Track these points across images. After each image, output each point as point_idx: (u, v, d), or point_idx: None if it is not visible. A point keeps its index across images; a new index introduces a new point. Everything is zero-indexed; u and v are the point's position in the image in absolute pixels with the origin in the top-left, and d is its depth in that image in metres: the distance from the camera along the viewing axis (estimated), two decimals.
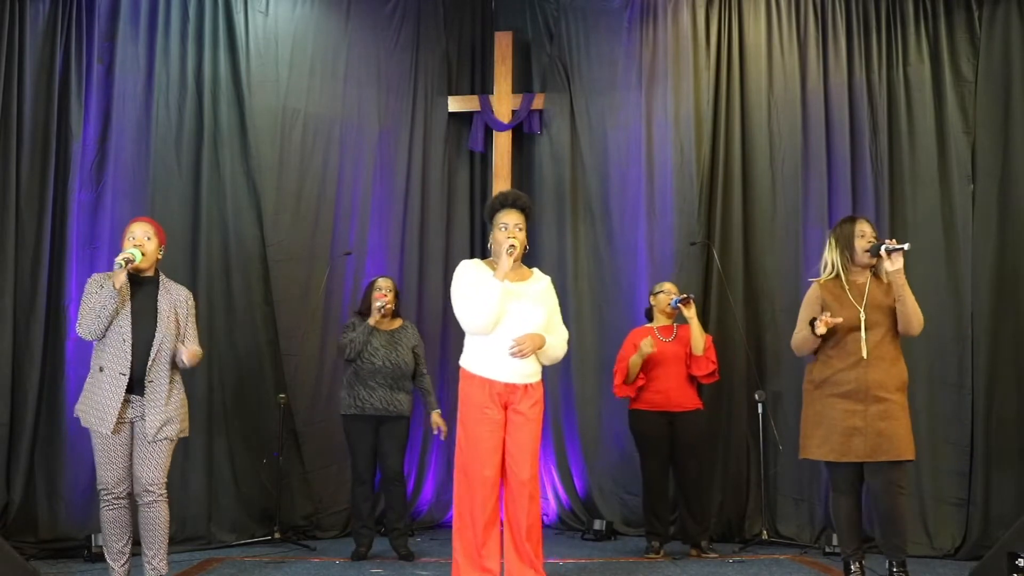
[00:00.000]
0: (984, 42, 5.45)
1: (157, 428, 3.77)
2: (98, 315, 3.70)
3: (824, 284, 4.09)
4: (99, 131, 5.36)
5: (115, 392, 3.72)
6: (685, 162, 5.86)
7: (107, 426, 3.72)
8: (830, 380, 3.98)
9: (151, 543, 3.83)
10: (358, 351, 4.89)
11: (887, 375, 3.90)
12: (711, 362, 5.05)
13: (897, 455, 3.85)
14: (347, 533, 5.61)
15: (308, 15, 6.00)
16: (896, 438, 3.85)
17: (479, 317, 3.62)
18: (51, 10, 5.30)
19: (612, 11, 6.23)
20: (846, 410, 3.90)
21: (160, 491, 3.81)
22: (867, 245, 3.99)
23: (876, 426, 3.86)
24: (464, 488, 3.65)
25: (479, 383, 3.66)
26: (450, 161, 6.47)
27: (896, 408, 3.89)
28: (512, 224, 3.71)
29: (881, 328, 3.94)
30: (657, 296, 5.23)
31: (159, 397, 3.79)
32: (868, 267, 4.04)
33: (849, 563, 4.04)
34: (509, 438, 3.65)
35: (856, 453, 3.88)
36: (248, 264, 5.62)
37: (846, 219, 4.18)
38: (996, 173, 5.35)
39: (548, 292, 3.84)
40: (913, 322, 3.90)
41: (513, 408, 3.66)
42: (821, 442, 3.96)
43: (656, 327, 5.20)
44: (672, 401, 5.04)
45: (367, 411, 4.87)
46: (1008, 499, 5.07)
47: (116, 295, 3.70)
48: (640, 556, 5.05)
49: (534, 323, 3.68)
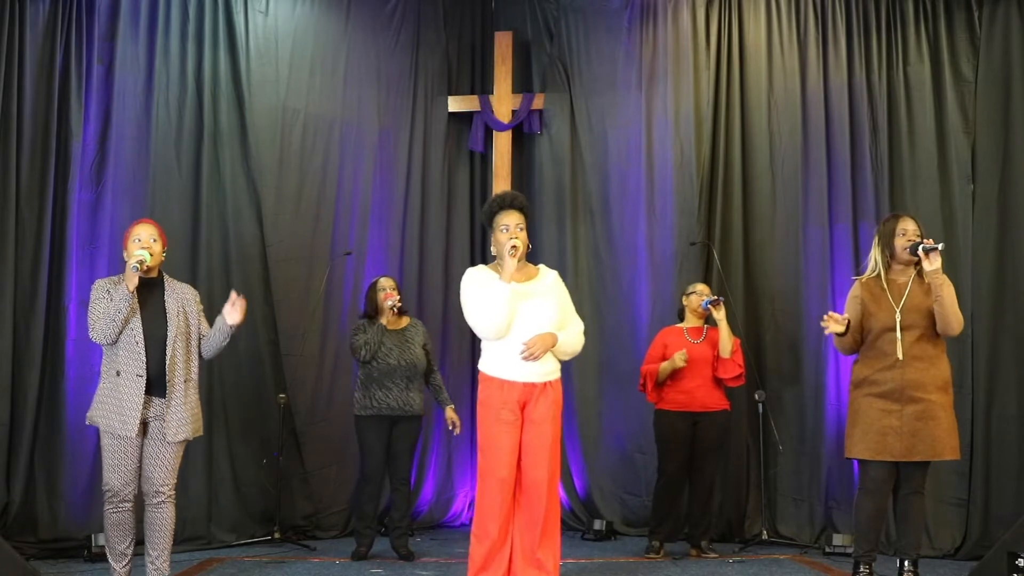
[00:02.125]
0: (984, 42, 5.45)
1: (176, 429, 3.79)
2: (112, 319, 3.70)
3: (865, 283, 4.08)
4: (99, 131, 5.35)
5: (136, 394, 3.72)
6: (685, 162, 5.86)
7: (131, 429, 3.71)
8: (868, 380, 3.97)
9: (156, 544, 3.83)
10: (374, 352, 4.87)
11: (925, 375, 3.89)
12: (738, 365, 5.04)
13: (935, 455, 3.86)
14: (347, 533, 5.61)
15: (308, 15, 6.00)
16: (933, 439, 3.85)
17: (492, 323, 3.61)
18: (51, 10, 5.29)
19: (612, 11, 6.22)
20: (883, 410, 3.90)
21: (170, 492, 3.83)
22: (907, 244, 3.97)
23: (912, 426, 3.86)
24: (483, 490, 3.65)
25: (497, 385, 3.65)
26: (450, 161, 6.47)
27: (935, 408, 3.88)
28: (513, 225, 3.70)
29: (918, 329, 3.92)
30: (689, 297, 5.20)
31: (179, 397, 3.81)
32: (911, 266, 4.01)
33: (859, 564, 4.03)
34: (526, 437, 3.64)
35: (892, 452, 3.88)
36: (248, 264, 5.62)
37: (890, 216, 4.18)
38: (996, 173, 5.35)
39: (557, 286, 3.83)
40: (952, 323, 3.87)
41: (532, 407, 3.65)
42: (858, 440, 3.96)
43: (686, 327, 5.18)
44: (697, 401, 5.03)
45: (383, 411, 4.86)
46: (1008, 499, 5.07)
47: (130, 298, 3.70)
48: (640, 556, 5.05)
49: (548, 320, 3.67)
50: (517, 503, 3.66)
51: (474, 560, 3.62)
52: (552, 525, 3.66)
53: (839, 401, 5.39)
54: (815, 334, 5.54)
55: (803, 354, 5.60)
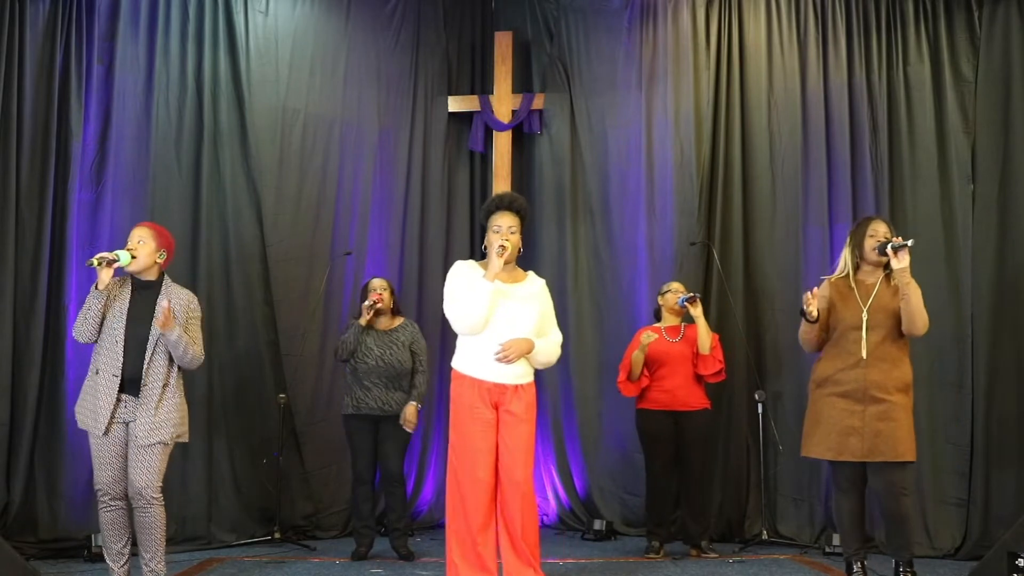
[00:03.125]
0: (984, 42, 5.45)
1: (148, 431, 3.76)
2: (84, 315, 3.74)
3: (834, 282, 4.10)
4: (99, 131, 5.36)
5: (108, 393, 3.73)
6: (685, 162, 5.86)
7: (100, 427, 3.73)
8: (831, 379, 3.99)
9: (147, 546, 3.83)
10: (350, 351, 4.91)
11: (887, 376, 3.90)
12: (718, 361, 5.05)
13: (895, 456, 3.86)
14: (347, 533, 5.61)
15: (308, 15, 6.00)
16: (894, 439, 3.85)
17: (467, 317, 3.63)
18: (51, 10, 5.30)
19: (612, 11, 6.22)
20: (844, 409, 3.92)
21: (152, 495, 3.79)
22: (876, 244, 3.99)
23: (874, 426, 3.86)
24: (456, 489, 3.65)
25: (469, 383, 3.68)
26: (450, 161, 6.47)
27: (896, 409, 3.88)
28: (505, 227, 3.72)
29: (883, 329, 3.93)
30: (665, 295, 5.22)
31: (151, 400, 3.78)
32: (880, 267, 4.03)
33: (851, 563, 4.04)
34: (501, 439, 3.65)
35: (852, 452, 3.89)
36: (248, 264, 5.62)
37: (863, 219, 4.20)
38: (996, 173, 5.35)
39: (542, 294, 3.85)
40: (916, 322, 3.88)
41: (505, 408, 3.67)
42: (819, 440, 3.98)
43: (664, 327, 5.19)
44: (678, 400, 5.04)
45: (363, 411, 4.89)
46: (1008, 499, 5.07)
47: (100, 296, 3.73)
48: (640, 556, 5.05)
49: (524, 324, 3.69)
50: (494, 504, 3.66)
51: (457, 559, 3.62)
52: (533, 525, 3.66)
53: None
54: None
55: (803, 354, 5.54)
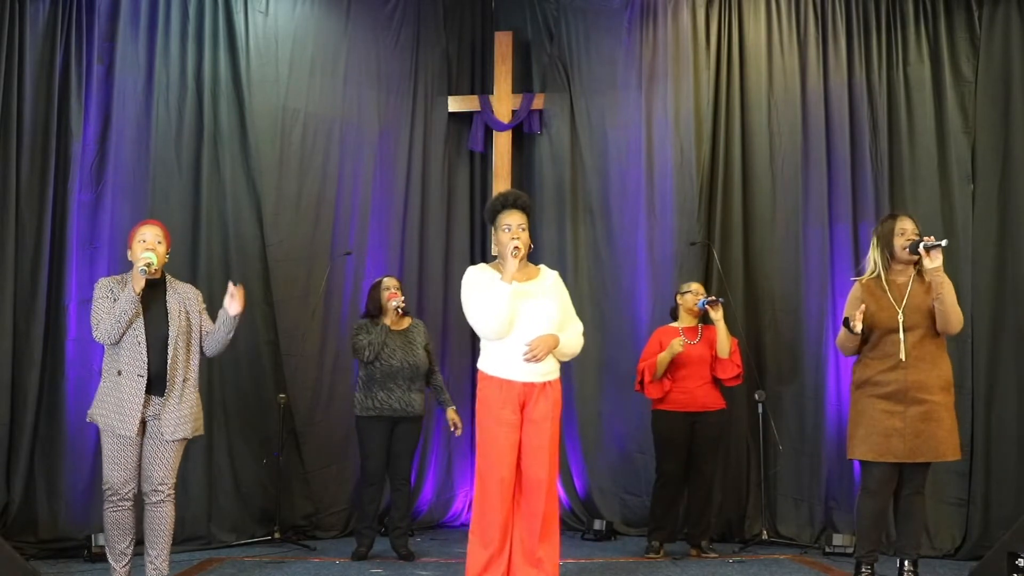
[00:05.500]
0: (984, 42, 5.45)
1: (173, 427, 3.80)
2: (118, 320, 3.71)
3: (865, 284, 4.06)
4: (99, 131, 5.35)
5: (136, 394, 3.74)
6: (685, 162, 5.86)
7: (130, 428, 3.73)
8: (871, 381, 3.96)
9: (155, 543, 3.84)
10: (377, 353, 4.87)
11: (928, 376, 3.89)
12: (736, 365, 5.03)
13: (935, 456, 3.86)
14: (347, 533, 5.62)
15: (308, 15, 6.00)
16: (936, 439, 3.85)
17: (493, 322, 3.62)
18: (51, 10, 5.29)
19: (612, 11, 6.22)
20: (886, 411, 3.89)
21: (169, 491, 3.84)
22: (906, 243, 3.96)
23: (916, 427, 3.85)
24: (482, 490, 3.65)
25: (497, 385, 3.66)
26: (450, 161, 6.47)
27: (939, 409, 3.88)
28: (515, 225, 3.71)
29: (920, 329, 3.91)
30: (684, 296, 5.19)
31: (176, 396, 3.82)
32: (910, 265, 4.00)
33: (861, 564, 4.03)
34: (526, 436, 3.64)
35: (895, 453, 3.88)
36: (248, 264, 5.61)
37: (888, 216, 4.17)
38: (996, 173, 5.35)
39: (558, 286, 3.84)
40: (952, 321, 3.87)
41: (531, 406, 3.66)
42: (860, 441, 3.95)
43: (681, 327, 5.17)
44: (696, 401, 5.02)
45: (385, 413, 4.86)
46: (1008, 499, 5.08)
47: (136, 300, 3.72)
48: (640, 556, 5.05)
49: (548, 320, 3.68)
50: (516, 503, 3.67)
51: (476, 561, 3.62)
52: (551, 525, 3.67)
53: (839, 401, 5.39)
54: (815, 334, 5.55)
55: (803, 354, 5.60)
